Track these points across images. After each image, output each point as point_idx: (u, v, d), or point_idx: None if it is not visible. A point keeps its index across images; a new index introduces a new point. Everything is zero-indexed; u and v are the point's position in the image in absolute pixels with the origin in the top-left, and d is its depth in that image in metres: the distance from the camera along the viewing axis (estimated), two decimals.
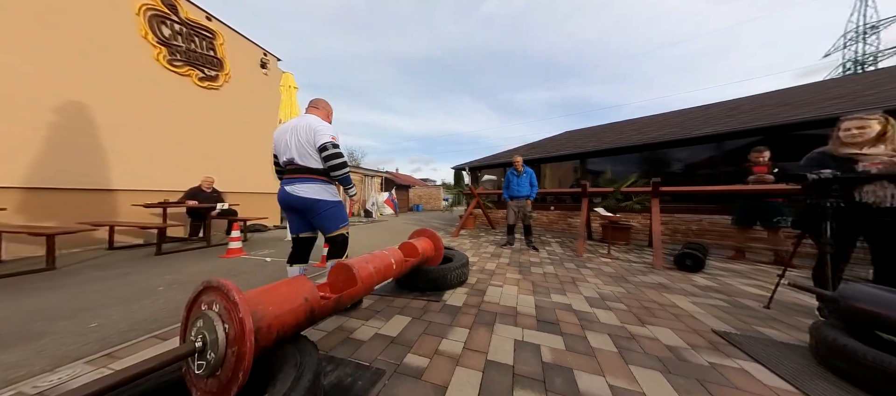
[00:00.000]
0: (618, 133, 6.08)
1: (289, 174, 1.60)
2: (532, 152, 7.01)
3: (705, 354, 1.31)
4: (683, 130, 4.35)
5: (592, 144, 5.47)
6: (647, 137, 4.91)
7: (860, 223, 1.56)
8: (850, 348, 1.06)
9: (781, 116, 3.79)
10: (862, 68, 16.16)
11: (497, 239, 4.85)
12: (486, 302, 1.91)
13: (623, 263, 3.19)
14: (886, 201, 1.42)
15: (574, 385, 1.07)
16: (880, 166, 1.46)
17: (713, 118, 4.88)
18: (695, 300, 2.00)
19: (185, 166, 5.17)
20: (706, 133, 3.85)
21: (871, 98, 3.77)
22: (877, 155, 1.49)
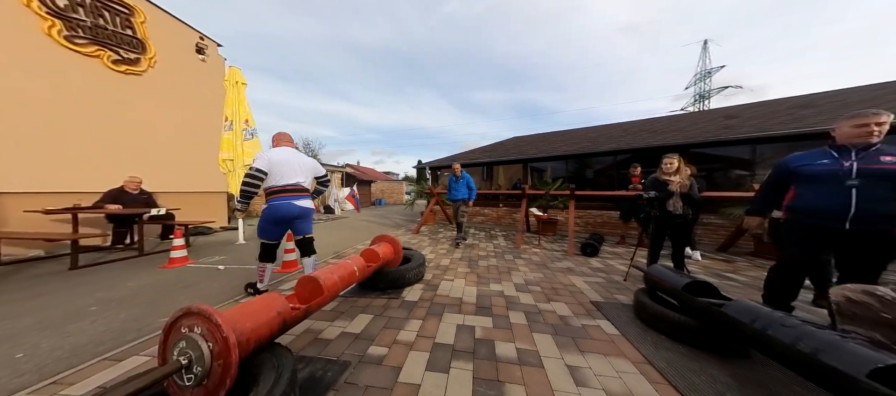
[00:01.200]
0: (551, 143, 6.99)
1: (292, 193, 2.04)
2: (487, 155, 7.56)
3: (582, 319, 1.82)
4: (594, 145, 5.32)
5: (532, 151, 6.24)
6: (570, 148, 5.81)
7: (668, 224, 2.30)
8: (646, 303, 1.65)
9: (646, 141, 4.95)
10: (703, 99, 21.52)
11: (453, 235, 5.23)
12: (438, 296, 2.21)
13: (548, 251, 3.85)
14: (678, 210, 2.15)
15: (493, 352, 1.44)
16: (677, 188, 2.18)
17: (613, 137, 6.03)
18: (586, 280, 2.63)
19: (101, 164, 4.27)
20: (604, 150, 4.83)
21: (693, 133, 5.16)
22: (676, 181, 2.21)
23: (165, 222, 4.08)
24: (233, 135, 4.33)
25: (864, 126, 1.38)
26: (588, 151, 5.06)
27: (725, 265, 3.20)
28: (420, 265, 2.53)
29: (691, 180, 2.30)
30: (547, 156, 5.59)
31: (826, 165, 1.43)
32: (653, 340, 1.54)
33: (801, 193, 1.50)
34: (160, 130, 5.11)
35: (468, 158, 7.17)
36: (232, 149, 4.35)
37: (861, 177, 1.34)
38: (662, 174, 2.34)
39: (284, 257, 2.95)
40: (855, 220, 1.34)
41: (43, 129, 3.85)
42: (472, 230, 5.88)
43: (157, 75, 5.09)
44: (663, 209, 2.30)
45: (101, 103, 4.41)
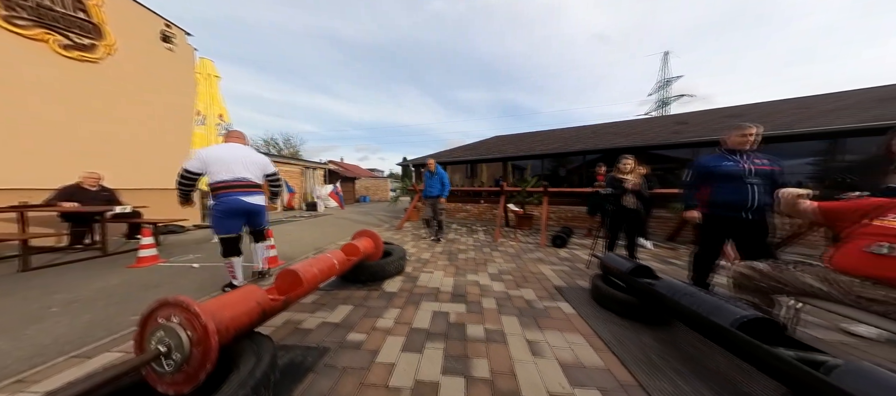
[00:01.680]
0: (529, 143, 7.28)
1: (238, 188, 2.07)
2: (469, 153, 7.70)
3: (545, 302, 2.00)
4: (566, 146, 5.65)
5: (512, 150, 6.48)
6: (544, 148, 6.11)
7: (624, 217, 2.56)
8: (599, 286, 1.87)
9: (612, 142, 5.36)
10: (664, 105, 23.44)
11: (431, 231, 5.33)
12: (417, 286, 2.30)
13: (523, 244, 4.07)
14: (631, 205, 2.40)
15: (464, 333, 1.56)
16: (631, 186, 2.44)
17: (583, 138, 6.43)
18: (553, 268, 2.85)
19: (53, 159, 3.89)
20: (574, 150, 5.17)
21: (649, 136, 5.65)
22: (630, 180, 2.47)
23: (131, 221, 3.82)
24: (206, 130, 4.11)
25: (745, 135, 1.69)
26: (560, 151, 5.38)
27: (671, 252, 3.59)
28: (400, 258, 2.61)
29: (643, 179, 2.57)
30: (525, 155, 5.85)
31: (731, 166, 1.70)
32: (603, 317, 1.75)
33: (717, 189, 1.77)
34: (123, 123, 4.72)
35: (452, 156, 7.28)
36: (205, 144, 4.13)
37: (755, 175, 1.62)
38: (619, 173, 2.59)
39: (267, 253, 2.89)
40: (753, 210, 1.62)
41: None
42: (455, 225, 6.02)
43: (117, 64, 4.67)
44: (619, 204, 2.55)
45: (51, 92, 4.00)
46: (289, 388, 1.13)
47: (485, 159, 6.52)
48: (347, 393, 1.10)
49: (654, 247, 3.76)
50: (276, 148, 21.38)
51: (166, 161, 5.12)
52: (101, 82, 4.50)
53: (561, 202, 5.30)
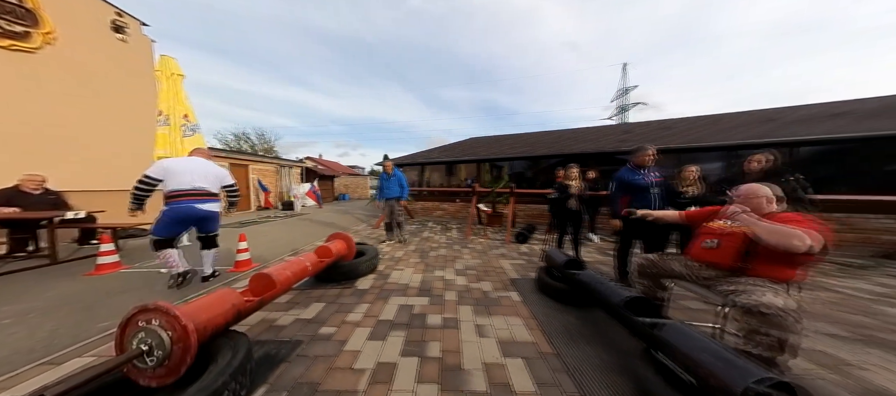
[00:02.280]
0: (501, 146, 7.67)
1: (194, 196, 2.22)
2: (446, 154, 7.91)
3: (499, 292, 2.29)
4: (531, 150, 6.10)
5: (484, 152, 6.80)
6: (514, 152, 6.52)
7: (569, 218, 2.95)
8: (541, 277, 2.20)
9: (571, 148, 5.89)
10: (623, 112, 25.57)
11: (412, 229, 5.51)
12: (387, 283, 2.49)
13: (491, 241, 4.40)
14: (574, 207, 2.78)
15: (424, 322, 1.79)
16: (576, 191, 2.81)
17: (546, 143, 6.95)
18: (512, 262, 3.18)
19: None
20: (537, 155, 5.62)
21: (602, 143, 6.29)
22: (574, 185, 2.85)
23: (84, 226, 3.55)
24: (170, 131, 3.89)
25: (648, 155, 2.14)
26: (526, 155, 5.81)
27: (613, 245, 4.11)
28: (373, 257, 2.77)
29: (585, 183, 2.96)
30: (495, 158, 6.22)
31: (641, 179, 2.11)
32: (542, 302, 2.07)
33: (634, 198, 2.17)
34: (71, 121, 4.29)
35: (429, 156, 7.45)
36: (169, 145, 3.91)
37: (655, 186, 2.04)
38: (566, 180, 2.96)
39: (237, 257, 2.90)
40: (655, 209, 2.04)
41: None
42: (430, 223, 6.24)
43: (58, 55, 4.22)
44: (565, 207, 2.93)
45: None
46: (264, 376, 1.28)
47: (460, 161, 6.80)
48: (317, 377, 1.28)
49: (600, 241, 4.27)
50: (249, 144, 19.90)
51: (124, 162, 4.73)
52: (41, 75, 4.05)
53: (527, 202, 5.71)
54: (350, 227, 5.71)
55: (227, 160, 8.45)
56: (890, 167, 3.57)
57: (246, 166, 9.51)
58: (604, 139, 6.10)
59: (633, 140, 5.66)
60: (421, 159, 7.48)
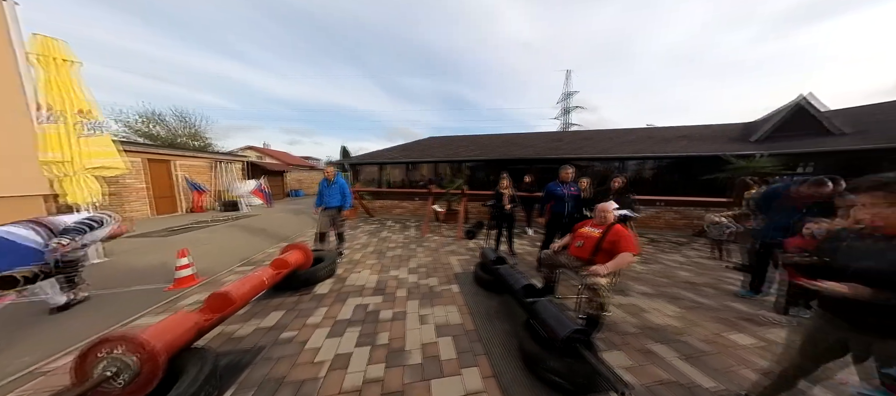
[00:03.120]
0: (457, 147, 8.20)
1: None
2: (405, 153, 8.07)
3: (443, 286, 2.77)
4: (484, 152, 6.77)
5: (441, 153, 7.24)
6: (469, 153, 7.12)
7: (503, 218, 3.60)
8: (477, 272, 2.75)
9: (512, 153, 6.81)
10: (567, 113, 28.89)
11: (371, 229, 5.66)
12: (345, 286, 2.74)
13: (445, 238, 4.89)
14: (508, 210, 3.44)
15: (377, 317, 2.15)
16: (507, 197, 3.46)
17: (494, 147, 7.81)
18: (460, 258, 3.71)
19: None
20: (485, 159, 6.34)
21: (539, 149, 7.38)
22: (507, 193, 3.49)
23: None
24: (62, 130, 3.25)
25: (568, 174, 2.95)
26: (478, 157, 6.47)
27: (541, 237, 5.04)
28: (331, 263, 2.96)
29: (514, 190, 3.62)
30: (451, 160, 6.73)
31: (561, 191, 2.88)
32: (475, 292, 2.61)
33: (556, 204, 2.93)
34: None
35: (388, 156, 7.54)
36: (61, 148, 3.27)
37: (570, 198, 2.83)
38: (501, 188, 3.57)
39: (177, 274, 2.75)
40: (568, 216, 2.83)
41: None
42: (389, 222, 6.46)
43: None
44: (501, 209, 3.55)
45: None
46: (232, 380, 1.49)
47: (418, 161, 7.12)
48: (281, 374, 1.54)
49: (534, 233, 5.15)
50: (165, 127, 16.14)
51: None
52: None
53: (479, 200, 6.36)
54: (304, 230, 5.56)
55: (140, 156, 7.08)
56: (705, 176, 5.19)
57: (168, 161, 8.10)
58: (540, 145, 7.13)
59: (562, 148, 6.76)
60: (380, 157, 7.52)
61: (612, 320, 2.04)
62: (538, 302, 1.75)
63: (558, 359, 1.41)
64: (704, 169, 5.17)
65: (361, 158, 7.78)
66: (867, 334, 0.92)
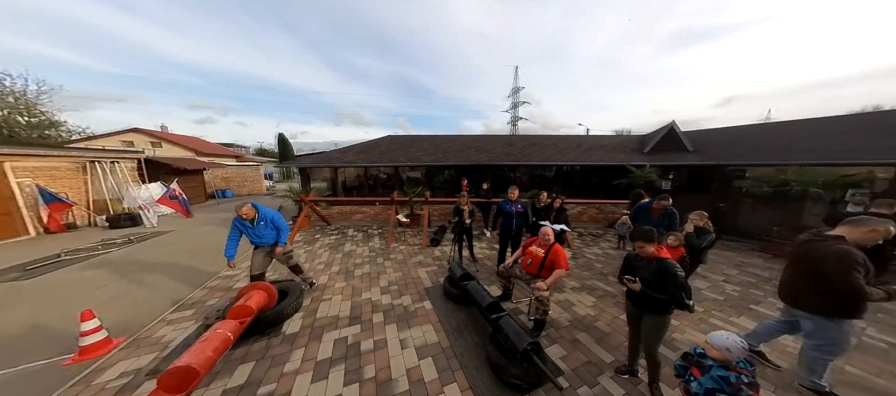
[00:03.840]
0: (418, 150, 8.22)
1: None
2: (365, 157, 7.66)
3: (415, 304, 3.01)
4: (444, 157, 7.04)
5: (401, 157, 7.17)
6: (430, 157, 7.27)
7: (463, 230, 4.00)
8: (446, 286, 3.09)
9: (469, 159, 7.34)
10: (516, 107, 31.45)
11: (331, 242, 5.38)
12: (317, 319, 2.71)
13: (411, 247, 5.06)
14: (467, 222, 3.84)
15: (359, 350, 2.27)
16: (466, 212, 3.85)
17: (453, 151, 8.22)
18: (427, 270, 3.98)
19: None
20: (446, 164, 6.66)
21: (494, 155, 8.12)
22: (466, 208, 3.88)
23: None
24: None
25: (514, 193, 3.46)
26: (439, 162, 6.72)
27: None
28: (298, 296, 2.84)
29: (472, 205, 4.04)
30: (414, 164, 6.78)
31: (509, 207, 3.37)
32: (446, 306, 2.94)
33: (505, 219, 3.40)
34: None
35: (346, 159, 7.04)
36: None
37: (517, 214, 3.34)
38: (461, 205, 3.93)
39: (82, 341, 2.20)
40: (515, 230, 3.36)
41: None
42: (350, 230, 6.23)
43: None
44: (462, 222, 3.93)
45: None
46: None
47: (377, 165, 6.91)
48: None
49: (490, 235, 5.79)
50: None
51: None
52: None
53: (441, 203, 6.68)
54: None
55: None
56: (616, 181, 6.69)
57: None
58: (496, 151, 7.81)
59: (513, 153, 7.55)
60: (336, 160, 6.97)
61: (552, 317, 2.66)
62: (502, 318, 2.17)
63: (517, 366, 1.86)
64: (615, 175, 6.66)
65: (315, 160, 7.05)
66: (642, 309, 1.75)
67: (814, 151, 5.12)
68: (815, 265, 1.68)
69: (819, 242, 1.71)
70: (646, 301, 1.72)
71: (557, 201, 3.79)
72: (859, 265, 1.54)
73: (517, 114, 32.69)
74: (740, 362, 1.30)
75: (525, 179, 8.21)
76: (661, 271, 1.67)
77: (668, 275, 1.65)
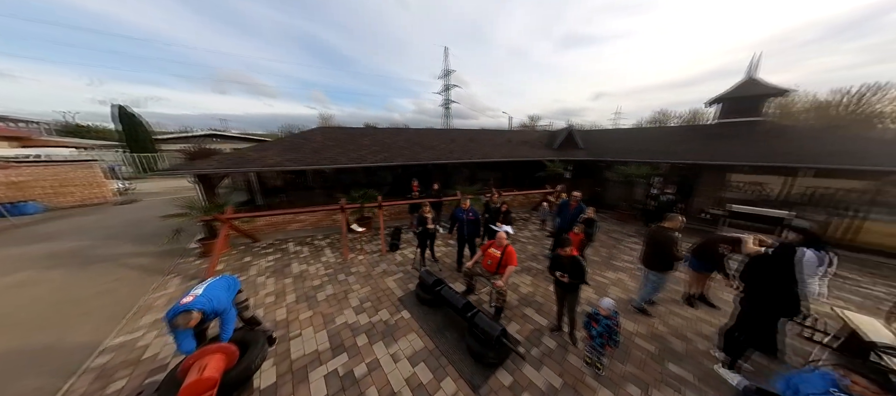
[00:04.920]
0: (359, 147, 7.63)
1: None
2: (294, 158, 6.53)
3: (394, 316, 3.27)
4: (391, 156, 6.91)
5: (343, 158, 6.55)
6: (374, 156, 6.97)
7: (426, 236, 4.39)
8: (419, 293, 3.47)
9: (418, 158, 7.55)
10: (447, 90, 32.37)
11: (271, 264, 4.67)
12: (294, 361, 2.59)
13: (370, 255, 5.03)
14: (431, 229, 4.24)
15: (354, 378, 2.41)
16: (429, 221, 4.22)
17: (397, 149, 8.17)
18: (394, 278, 4.19)
19: None
20: (396, 163, 6.63)
21: (438, 151, 8.59)
22: (429, 217, 4.24)
23: None
24: None
25: (466, 204, 4.00)
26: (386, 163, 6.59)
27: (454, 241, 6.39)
28: (263, 344, 2.58)
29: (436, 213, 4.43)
30: (356, 166, 6.35)
31: (463, 215, 3.94)
32: (422, 310, 3.33)
33: (459, 225, 3.95)
34: None
35: (262, 163, 5.82)
36: None
37: (468, 222, 3.94)
38: (424, 213, 4.23)
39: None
40: (469, 236, 4.01)
41: None
42: (290, 244, 5.53)
43: None
44: (425, 230, 4.27)
45: None
46: None
47: (315, 166, 6.10)
48: None
49: (443, 231, 6.36)
50: None
51: None
52: None
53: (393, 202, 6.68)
54: (118, 286, 3.68)
55: None
56: (537, 174, 8.40)
57: None
58: (440, 148, 8.18)
59: (456, 149, 8.16)
60: (253, 163, 5.67)
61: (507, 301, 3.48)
62: (476, 315, 2.76)
63: (493, 349, 2.51)
64: (536, 168, 8.32)
65: (223, 163, 5.46)
66: (565, 289, 2.66)
67: (648, 152, 7.90)
68: (655, 242, 2.99)
69: (656, 230, 3.04)
70: (567, 284, 2.64)
71: (505, 206, 4.62)
72: (675, 243, 2.88)
73: (450, 98, 33.49)
74: (613, 313, 2.31)
75: (467, 172, 9.07)
76: (575, 264, 2.59)
77: (579, 266, 2.58)
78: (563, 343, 2.81)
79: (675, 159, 7.06)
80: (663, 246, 2.97)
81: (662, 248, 2.98)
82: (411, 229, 4.47)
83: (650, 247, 3.13)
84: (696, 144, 7.55)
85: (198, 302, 2.10)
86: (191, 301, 2.08)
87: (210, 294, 2.20)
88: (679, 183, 7.08)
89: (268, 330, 2.82)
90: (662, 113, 31.91)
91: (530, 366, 2.53)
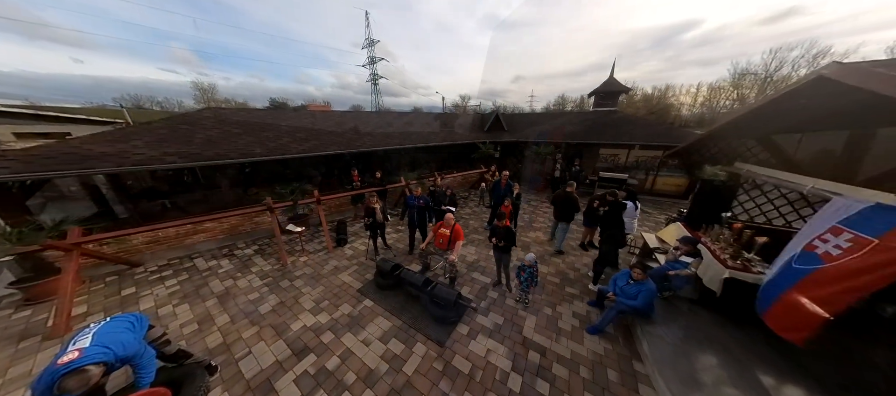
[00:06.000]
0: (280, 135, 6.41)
1: None
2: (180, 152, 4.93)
3: (358, 307, 3.38)
4: (322, 145, 6.20)
5: (258, 148, 5.44)
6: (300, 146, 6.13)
7: (377, 226, 4.49)
8: (378, 280, 3.67)
9: (357, 147, 7.10)
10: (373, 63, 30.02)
11: (177, 289, 3.74)
12: (251, 380, 2.43)
13: (314, 255, 4.70)
14: (380, 219, 4.35)
15: (328, 371, 2.51)
16: (378, 213, 4.32)
17: (331, 133, 7.38)
18: (349, 273, 4.16)
19: None
20: (329, 153, 6.07)
21: (376, 140, 8.26)
22: (378, 208, 4.33)
23: None
24: None
25: (417, 191, 4.29)
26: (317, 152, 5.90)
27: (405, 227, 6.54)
28: (201, 376, 2.28)
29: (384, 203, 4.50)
30: (280, 157, 5.43)
31: (414, 201, 4.31)
32: (383, 295, 3.56)
33: (411, 211, 4.29)
34: None
35: (124, 158, 4.20)
36: None
37: (418, 208, 4.27)
38: (371, 204, 4.26)
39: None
40: (419, 219, 4.36)
41: None
42: (200, 261, 4.49)
43: None
44: (374, 221, 4.33)
45: None
46: None
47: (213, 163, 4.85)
48: None
49: (390, 218, 6.44)
50: None
51: None
52: None
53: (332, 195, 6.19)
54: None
55: None
56: (473, 155, 9.31)
57: None
58: (376, 134, 7.84)
59: (393, 135, 8.02)
60: (109, 160, 4.00)
61: (459, 271, 4.10)
62: (435, 287, 3.22)
63: (452, 311, 3.06)
64: (470, 150, 9.16)
65: (65, 160, 3.52)
66: (501, 252, 3.53)
67: (555, 134, 9.86)
68: (562, 202, 4.16)
69: (562, 193, 4.21)
70: (503, 247, 3.41)
71: (450, 191, 5.09)
72: (576, 200, 4.09)
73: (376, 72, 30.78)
74: (534, 263, 3.20)
75: (408, 158, 9.10)
76: (508, 233, 3.36)
77: (511, 234, 3.37)
78: (502, 293, 3.66)
79: (571, 140, 9.23)
80: (569, 203, 4.33)
81: (568, 205, 4.32)
82: (363, 220, 4.44)
83: (559, 206, 4.45)
84: (582, 126, 9.99)
85: (92, 354, 1.63)
86: (78, 358, 1.58)
87: (107, 341, 1.73)
88: (572, 157, 9.44)
89: (203, 360, 2.48)
90: (563, 98, 39.28)
91: (480, 315, 3.23)
